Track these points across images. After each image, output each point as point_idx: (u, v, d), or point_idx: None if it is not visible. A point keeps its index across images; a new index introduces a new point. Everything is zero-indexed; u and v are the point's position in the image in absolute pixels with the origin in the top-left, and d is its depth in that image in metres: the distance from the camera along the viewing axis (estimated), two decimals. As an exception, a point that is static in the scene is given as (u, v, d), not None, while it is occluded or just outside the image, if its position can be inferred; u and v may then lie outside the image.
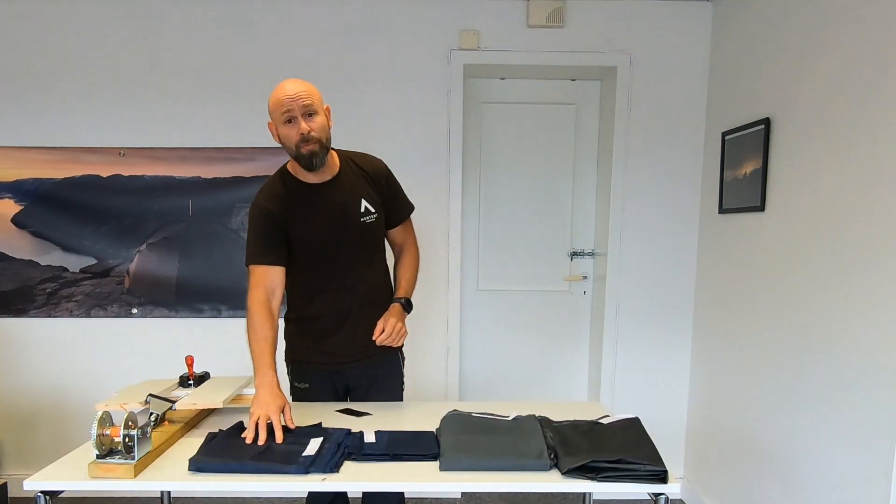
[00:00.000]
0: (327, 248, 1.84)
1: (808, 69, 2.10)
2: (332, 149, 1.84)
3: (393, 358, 2.01)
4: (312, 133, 1.71)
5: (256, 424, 1.50)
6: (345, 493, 1.99)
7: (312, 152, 1.73)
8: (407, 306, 1.92)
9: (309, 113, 1.71)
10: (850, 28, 1.90)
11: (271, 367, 1.66)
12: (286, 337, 1.98)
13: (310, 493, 1.99)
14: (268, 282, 1.77)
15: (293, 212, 1.81)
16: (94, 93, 2.83)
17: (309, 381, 1.95)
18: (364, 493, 1.96)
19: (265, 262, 1.78)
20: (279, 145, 1.78)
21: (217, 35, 2.82)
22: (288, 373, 1.99)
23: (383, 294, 1.96)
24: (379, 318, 1.82)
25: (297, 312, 1.93)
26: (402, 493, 2.01)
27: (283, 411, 1.56)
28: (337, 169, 1.86)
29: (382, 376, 1.99)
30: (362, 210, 1.86)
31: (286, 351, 1.98)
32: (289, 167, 1.86)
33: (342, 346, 1.90)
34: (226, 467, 1.36)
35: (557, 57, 2.84)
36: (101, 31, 2.80)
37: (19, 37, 2.80)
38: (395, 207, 1.98)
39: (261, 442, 1.47)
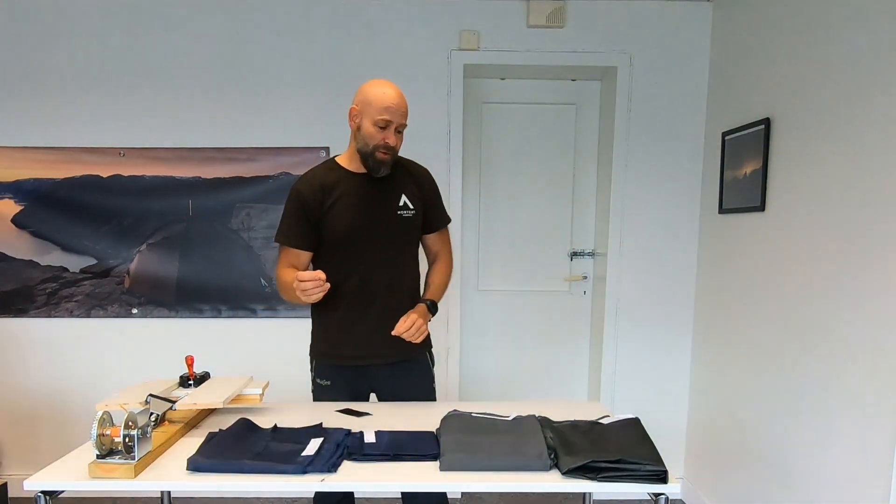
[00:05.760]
0: (359, 234, 1.86)
1: (808, 69, 2.10)
2: None
3: (421, 358, 2.00)
4: (395, 147, 1.83)
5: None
6: (352, 494, 1.99)
7: (385, 161, 1.83)
8: (432, 308, 1.93)
9: (400, 130, 1.84)
10: (850, 27, 1.90)
11: None
12: (311, 332, 2.00)
13: (316, 493, 1.98)
14: (291, 261, 1.88)
15: (331, 198, 1.85)
16: (94, 93, 2.83)
17: (331, 379, 1.95)
18: (403, 494, 1.96)
19: (292, 245, 1.89)
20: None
21: (216, 35, 2.82)
22: (311, 368, 1.99)
23: (408, 295, 1.95)
24: (401, 317, 1.83)
25: (321, 303, 1.91)
26: (444, 494, 1.98)
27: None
28: None
29: (412, 380, 1.98)
30: (401, 204, 1.91)
31: (311, 345, 2.00)
32: (338, 160, 1.92)
33: (363, 340, 1.90)
34: (223, 466, 1.36)
35: (557, 57, 2.84)
36: (101, 30, 2.80)
37: (19, 37, 2.80)
38: (435, 215, 2.02)
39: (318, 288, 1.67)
